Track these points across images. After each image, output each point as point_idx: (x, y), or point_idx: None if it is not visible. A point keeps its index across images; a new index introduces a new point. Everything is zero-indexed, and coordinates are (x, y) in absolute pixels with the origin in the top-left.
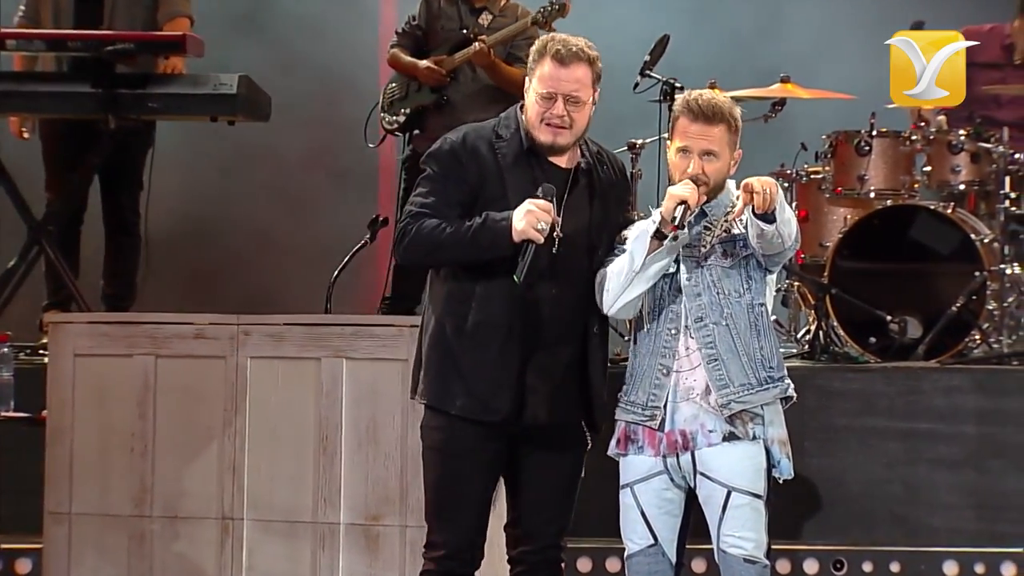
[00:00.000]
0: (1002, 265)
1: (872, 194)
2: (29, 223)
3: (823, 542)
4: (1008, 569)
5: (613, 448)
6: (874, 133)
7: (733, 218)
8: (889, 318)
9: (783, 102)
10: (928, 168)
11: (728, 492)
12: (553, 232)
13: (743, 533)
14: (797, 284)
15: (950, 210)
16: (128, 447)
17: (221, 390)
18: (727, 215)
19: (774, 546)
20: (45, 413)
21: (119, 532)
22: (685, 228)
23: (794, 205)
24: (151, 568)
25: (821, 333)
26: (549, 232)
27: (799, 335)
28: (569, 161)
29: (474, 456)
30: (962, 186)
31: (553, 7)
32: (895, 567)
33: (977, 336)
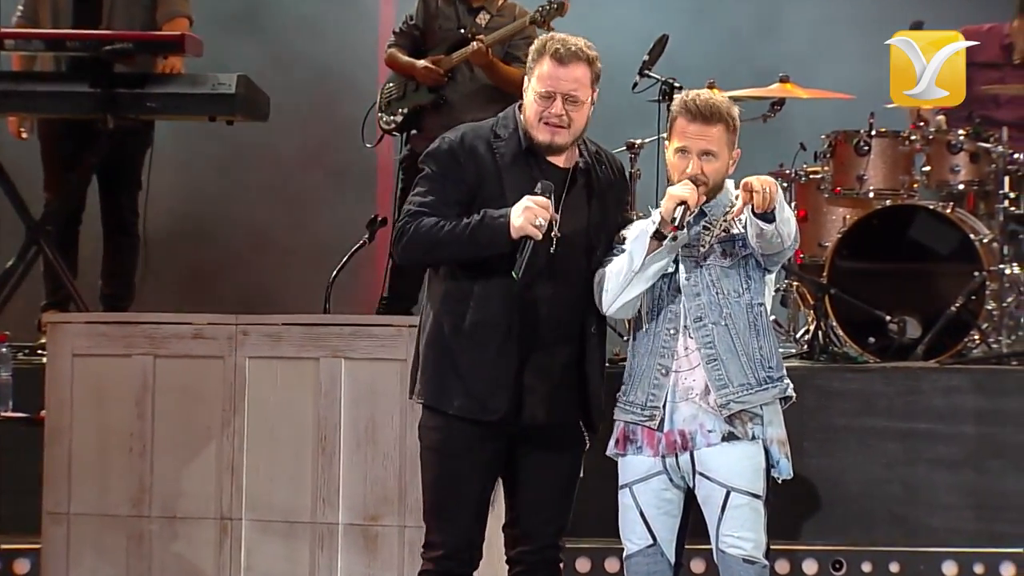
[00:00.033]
0: (1001, 265)
1: (871, 194)
2: (27, 223)
3: (822, 542)
4: (1007, 569)
5: (612, 448)
6: (873, 133)
7: (732, 217)
8: (888, 318)
9: (782, 102)
10: (927, 168)
11: (727, 492)
12: (551, 230)
13: (742, 533)
14: (796, 284)
15: (949, 210)
16: (127, 447)
17: (219, 390)
18: (726, 215)
19: (773, 546)
20: (43, 413)
21: (118, 532)
22: (684, 228)
23: (793, 205)
24: (149, 568)
25: (820, 333)
26: (547, 229)
27: (798, 335)
28: (567, 161)
29: (472, 456)
30: (961, 186)
31: (551, 6)
32: (894, 567)
33: (976, 336)
